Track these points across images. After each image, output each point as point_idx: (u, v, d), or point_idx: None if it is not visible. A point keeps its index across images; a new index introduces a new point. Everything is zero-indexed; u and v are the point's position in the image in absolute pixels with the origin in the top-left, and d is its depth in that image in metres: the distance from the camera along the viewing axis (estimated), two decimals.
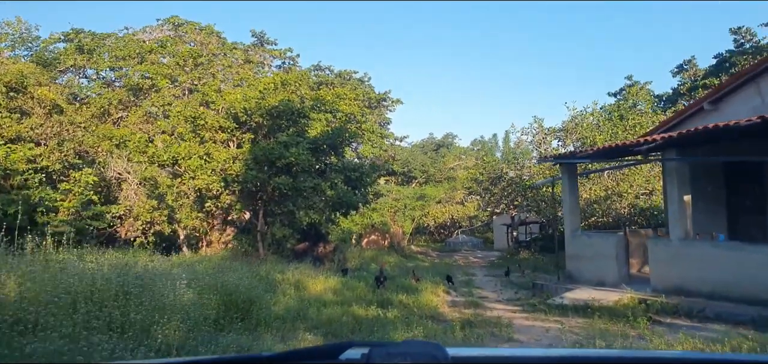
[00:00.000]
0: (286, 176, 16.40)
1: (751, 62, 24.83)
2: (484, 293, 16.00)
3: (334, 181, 17.29)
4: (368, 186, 18.45)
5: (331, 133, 17.79)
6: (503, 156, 33.22)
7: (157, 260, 15.14)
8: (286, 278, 13.55)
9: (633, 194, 20.62)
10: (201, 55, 26.45)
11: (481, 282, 18.86)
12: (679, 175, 10.70)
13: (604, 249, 12.80)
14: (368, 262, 23.21)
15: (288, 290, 12.81)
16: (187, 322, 7.09)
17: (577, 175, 14.49)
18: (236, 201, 17.44)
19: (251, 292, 9.86)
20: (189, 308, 7.57)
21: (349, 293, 13.29)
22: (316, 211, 17.14)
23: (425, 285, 15.63)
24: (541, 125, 23.44)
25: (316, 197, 17.14)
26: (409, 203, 31.85)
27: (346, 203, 17.23)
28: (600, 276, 12.90)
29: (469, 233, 48.39)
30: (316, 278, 14.62)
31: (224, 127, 18.26)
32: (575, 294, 12.23)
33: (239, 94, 18.09)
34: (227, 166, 16.83)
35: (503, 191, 25.28)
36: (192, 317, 7.23)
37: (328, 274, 16.53)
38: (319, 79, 31.18)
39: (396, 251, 30.29)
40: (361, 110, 28.66)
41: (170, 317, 6.28)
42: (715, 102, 12.88)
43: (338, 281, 14.82)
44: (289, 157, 15.94)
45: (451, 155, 40.36)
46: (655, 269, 11.34)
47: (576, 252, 13.73)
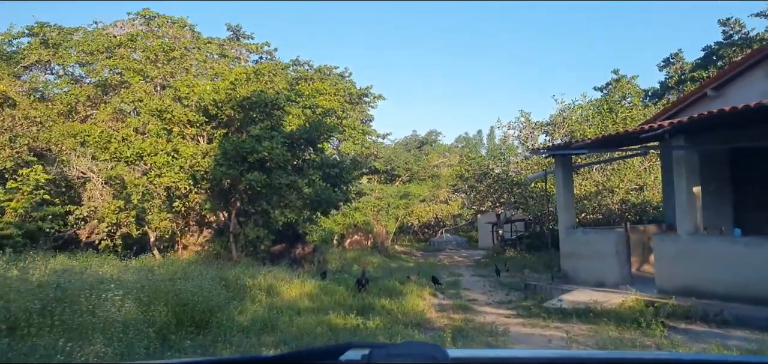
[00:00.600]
0: (260, 173, 15.05)
1: (740, 54, 24.12)
2: (473, 294, 14.83)
3: (312, 178, 15.98)
4: (349, 183, 17.17)
5: (309, 126, 16.49)
6: (488, 152, 32.15)
7: (114, 265, 13.72)
8: (257, 282, 12.23)
9: (624, 189, 19.65)
10: (174, 49, 24.97)
11: (469, 283, 17.71)
12: (688, 164, 9.63)
13: (603, 247, 11.71)
14: (350, 263, 21.96)
15: (258, 296, 11.49)
16: (123, 341, 5.77)
17: (571, 169, 13.40)
18: (206, 200, 16.03)
19: (211, 300, 8.55)
20: (128, 324, 6.25)
21: (327, 299, 12.02)
22: (293, 210, 15.81)
23: (410, 288, 14.42)
24: (527, 119, 22.42)
25: (293, 195, 15.81)
26: (393, 202, 30.64)
27: (325, 201, 15.93)
28: (599, 276, 11.80)
29: (453, 231, 47.35)
30: (292, 282, 13.32)
31: (193, 121, 16.83)
32: (574, 296, 11.10)
33: (209, 86, 16.69)
34: (195, 162, 15.43)
35: (489, 187, 24.19)
36: (129, 335, 5.90)
37: (306, 277, 15.22)
38: (298, 74, 29.83)
39: (379, 252, 29.06)
40: (342, 105, 27.39)
41: (92, 337, 4.94)
42: (719, 88, 11.88)
43: (316, 285, 13.53)
44: (261, 151, 14.59)
45: (435, 153, 39.24)
46: (661, 268, 10.26)
47: (572, 250, 12.63)
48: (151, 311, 7.05)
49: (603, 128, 20.26)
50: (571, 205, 13.06)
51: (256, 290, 11.89)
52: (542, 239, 23.13)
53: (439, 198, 38.61)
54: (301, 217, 16.07)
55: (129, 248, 21.07)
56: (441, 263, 27.37)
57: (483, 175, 23.90)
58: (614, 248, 11.44)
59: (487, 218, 38.10)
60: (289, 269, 16.44)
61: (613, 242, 11.51)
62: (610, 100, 23.93)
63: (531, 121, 22.37)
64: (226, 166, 15.16)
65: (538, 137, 22.69)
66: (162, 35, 27.90)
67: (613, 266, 11.48)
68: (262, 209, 15.94)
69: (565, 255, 12.88)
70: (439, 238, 45.11)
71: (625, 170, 20.24)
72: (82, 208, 19.22)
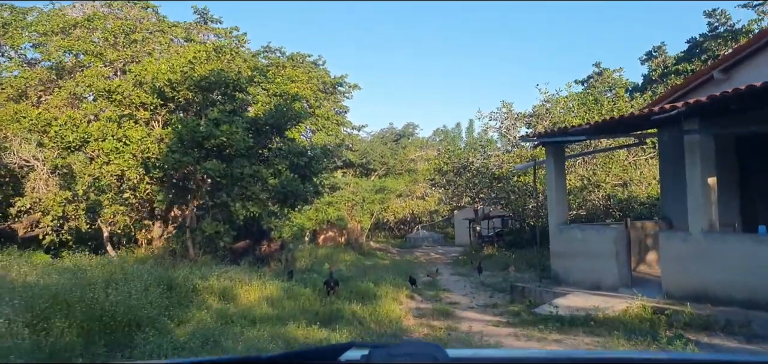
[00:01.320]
0: (218, 161, 13.33)
1: (726, 47, 23.24)
2: (453, 296, 13.39)
3: (277, 167, 14.29)
4: (319, 174, 15.54)
5: (275, 111, 14.81)
6: (467, 146, 30.77)
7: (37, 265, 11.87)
8: (210, 285, 10.54)
9: (611, 183, 18.46)
10: (135, 32, 22.97)
11: (448, 283, 16.29)
12: (704, 151, 8.31)
13: (600, 246, 10.35)
14: (321, 261, 20.36)
15: (208, 301, 9.81)
16: None
17: (564, 159, 12.03)
18: (158, 191, 14.23)
19: (141, 310, 6.87)
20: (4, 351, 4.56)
21: (290, 304, 10.40)
22: (257, 203, 14.12)
23: (385, 290, 12.89)
24: (509, 110, 21.10)
25: (257, 186, 14.12)
26: (368, 197, 29.09)
27: (292, 193, 14.28)
28: (594, 278, 10.45)
29: (429, 228, 46.06)
30: (251, 283, 11.65)
31: (147, 103, 15.00)
32: (569, 301, 9.71)
33: (164, 65, 14.86)
34: (145, 147, 13.63)
35: (468, 182, 22.79)
36: None
37: (270, 277, 13.57)
38: (270, 61, 27.97)
39: (353, 249, 27.50)
40: (315, 94, 25.70)
41: None
42: (727, 70, 10.65)
43: (279, 287, 11.90)
44: (219, 136, 12.87)
45: (413, 146, 37.76)
46: (668, 270, 8.93)
47: (564, 249, 11.25)
48: (48, 328, 5.36)
49: (589, 120, 19.03)
50: (563, 199, 11.69)
51: (207, 294, 10.21)
52: (523, 236, 21.87)
53: (415, 194, 37.21)
54: (266, 211, 14.38)
55: (84, 243, 19.14)
56: (418, 260, 25.95)
57: (462, 168, 22.49)
58: (613, 247, 10.08)
59: (464, 214, 36.87)
60: (253, 268, 14.79)
61: (611, 241, 10.15)
62: (594, 91, 22.79)
63: (513, 112, 21.07)
64: (180, 152, 13.40)
65: (520, 129, 21.40)
66: (123, 17, 25.77)
67: (611, 267, 10.13)
68: (222, 202, 14.22)
69: (556, 254, 11.50)
70: (415, 234, 43.78)
71: (610, 165, 19.05)
72: (25, 199, 17.22)
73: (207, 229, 13.68)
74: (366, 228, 30.52)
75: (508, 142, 22.47)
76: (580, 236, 10.92)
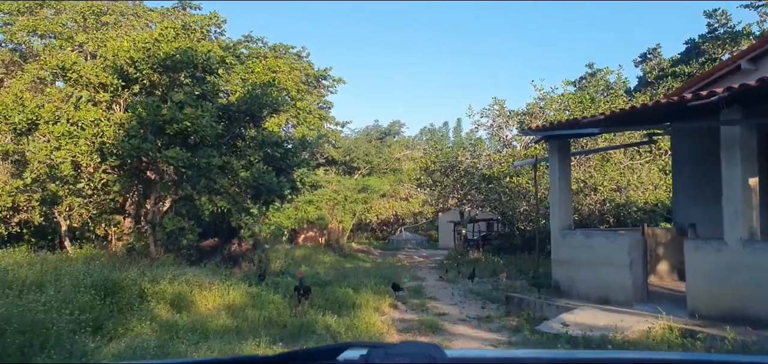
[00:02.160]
0: (182, 149, 11.69)
1: (724, 49, 22.19)
2: (441, 306, 11.94)
3: (249, 158, 12.69)
4: (296, 168, 13.95)
5: (249, 97, 13.21)
6: (455, 145, 29.32)
7: None
8: (162, 290, 8.90)
9: (609, 187, 17.18)
10: (106, 13, 21.19)
11: (435, 289, 14.83)
12: (745, 146, 6.94)
13: (612, 254, 8.96)
14: (298, 262, 18.77)
15: (157, 310, 8.19)
16: None
17: (570, 156, 10.65)
18: (115, 181, 12.53)
19: (47, 325, 5.26)
20: None
21: (254, 314, 8.83)
22: (225, 197, 12.49)
23: (366, 297, 11.38)
24: (502, 107, 19.75)
25: (226, 179, 12.50)
26: (350, 196, 27.53)
27: (265, 188, 12.68)
28: (604, 290, 9.07)
29: (412, 230, 44.58)
30: (213, 288, 10.04)
31: (107, 84, 13.28)
32: (577, 317, 8.30)
33: (126, 42, 13.17)
34: (98, 131, 11.93)
35: (456, 182, 21.36)
36: None
37: (238, 280, 11.97)
38: (251, 52, 26.26)
39: (334, 250, 25.91)
40: (297, 86, 24.07)
41: None
42: (755, 60, 9.39)
43: (245, 293, 10.31)
44: (182, 121, 11.24)
45: (398, 145, 36.25)
46: (696, 285, 7.57)
47: (568, 257, 9.85)
48: None
49: None
50: (568, 200, 10.30)
51: (156, 301, 8.58)
52: (513, 241, 20.52)
53: (399, 195, 35.72)
54: (236, 206, 12.75)
55: (44, 238, 17.35)
56: (400, 263, 24.46)
57: (450, 167, 21.07)
58: (627, 257, 8.70)
59: (449, 217, 35.49)
60: (220, 269, 13.17)
61: (625, 249, 8.77)
62: (592, 90, 21.55)
63: (505, 110, 19.71)
64: (139, 138, 11.73)
65: (512, 128, 20.05)
66: None
67: (624, 279, 8.74)
68: (187, 195, 12.56)
69: (559, 262, 10.10)
70: (398, 236, 42.27)
71: (606, 168, 17.78)
72: None
73: (168, 224, 12.02)
74: (347, 228, 28.95)
75: (499, 141, 21.10)
76: (586, 243, 9.52)
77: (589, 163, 18.11)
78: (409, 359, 1.17)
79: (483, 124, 20.04)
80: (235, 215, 12.79)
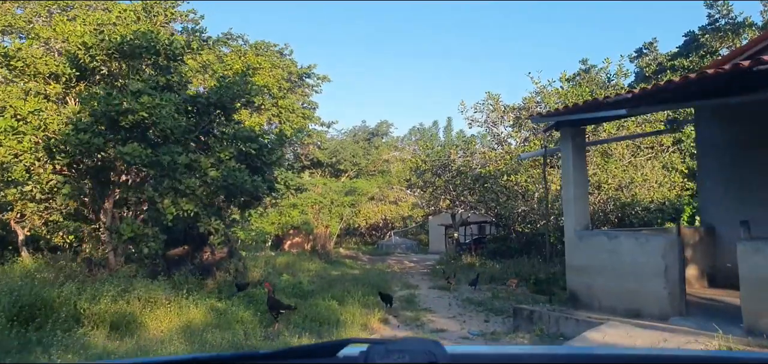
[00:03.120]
0: (141, 145, 10.02)
1: (725, 42, 21.02)
2: (438, 319, 10.39)
3: (219, 155, 11.06)
4: (273, 166, 12.33)
5: (220, 86, 11.59)
6: (445, 144, 27.79)
7: None
8: (102, 309, 7.22)
9: (614, 185, 15.78)
10: (74, 9, 19.43)
11: (429, 299, 13.30)
12: None
13: (642, 258, 7.49)
14: (281, 270, 17.13)
15: (92, 336, 6.53)
16: None
17: (585, 145, 9.19)
18: (64, 182, 10.81)
19: None
20: None
21: (215, 338, 7.20)
22: (193, 200, 10.83)
23: (352, 312, 9.81)
24: (496, 102, 18.28)
25: (193, 179, 10.85)
26: (337, 199, 25.89)
27: (238, 188, 11.04)
28: (633, 302, 7.59)
29: (402, 234, 43.01)
30: (171, 304, 8.39)
31: (58, 74, 11.58)
32: (606, 335, 6.78)
33: (78, 25, 11.50)
34: (39, 123, 10.23)
35: (448, 182, 19.84)
36: None
37: (205, 295, 10.35)
38: (231, 49, 24.59)
39: (319, 256, 24.25)
40: (278, 83, 22.44)
41: None
42: None
43: (209, 310, 8.67)
44: (139, 111, 9.58)
45: (386, 146, 34.67)
46: (754, 296, 6.08)
47: (586, 262, 8.36)
48: None
49: None
50: (584, 196, 8.82)
51: (94, 324, 6.91)
52: (510, 244, 19.03)
53: (388, 198, 34.16)
54: (205, 210, 11.09)
55: (6, 247, 15.54)
56: (390, 269, 22.87)
57: (442, 167, 19.54)
58: (662, 261, 7.22)
59: (440, 220, 34.00)
60: (189, 281, 11.53)
61: (659, 252, 7.29)
62: (589, 85, 20.20)
63: (500, 105, 18.25)
64: (90, 133, 10.04)
65: (507, 124, 18.58)
66: None
67: (658, 288, 7.26)
68: (148, 197, 10.88)
69: (575, 268, 8.60)
70: (387, 241, 40.67)
71: (607, 164, 16.37)
72: None
73: (125, 231, 10.32)
74: (334, 234, 27.29)
75: (493, 138, 19.63)
76: (610, 246, 8.02)
77: (590, 160, 16.71)
78: (409, 356, 1.18)
79: (476, 120, 18.55)
80: (203, 220, 11.12)
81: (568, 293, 8.79)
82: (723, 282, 9.10)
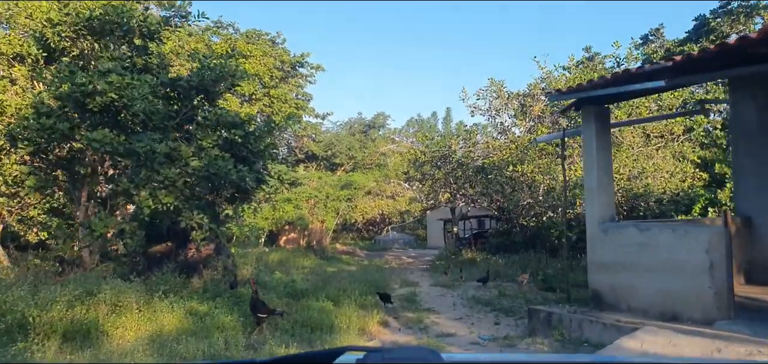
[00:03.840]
0: (112, 131, 8.94)
1: (737, 26, 20.02)
2: (443, 321, 9.38)
3: (200, 142, 9.98)
4: (262, 155, 11.25)
5: (202, 68, 10.50)
6: (444, 135, 26.63)
7: None
8: (54, 316, 6.15)
9: (625, 175, 14.77)
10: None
11: (431, 298, 12.30)
12: None
13: (682, 253, 6.48)
14: (273, 268, 16.11)
15: (43, 350, 5.47)
16: None
17: (610, 126, 8.16)
18: (28, 173, 9.72)
19: None
20: None
21: (192, 347, 6.13)
22: (173, 192, 9.76)
23: (348, 314, 8.79)
24: (500, 88, 17.21)
25: (173, 169, 9.77)
26: (333, 193, 24.82)
27: (220, 180, 9.96)
28: (671, 303, 6.58)
29: (399, 229, 42.01)
30: (143, 308, 7.33)
31: (23, 55, 10.47)
32: (644, 343, 5.77)
33: (45, 3, 10.37)
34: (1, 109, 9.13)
35: (448, 175, 18.78)
36: None
37: (187, 296, 9.31)
38: (221, 38, 23.43)
39: (315, 252, 23.21)
40: (270, 72, 21.33)
41: None
42: None
43: (186, 315, 7.61)
44: (108, 93, 8.49)
45: (383, 139, 33.57)
46: None
47: (613, 258, 7.35)
48: None
49: None
50: (609, 184, 7.81)
51: (45, 335, 5.84)
52: (514, 238, 18.02)
53: (385, 193, 33.11)
54: (188, 204, 10.00)
55: None
56: (388, 265, 21.86)
57: (442, 159, 18.48)
58: (706, 257, 6.21)
59: (438, 215, 32.99)
60: (171, 280, 10.46)
61: (703, 246, 6.27)
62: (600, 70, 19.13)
63: (504, 91, 17.17)
64: (54, 117, 8.95)
65: (511, 111, 17.49)
66: None
67: (702, 288, 6.25)
68: (124, 190, 9.79)
69: (599, 265, 7.58)
70: (384, 236, 39.66)
71: (620, 153, 15.35)
72: None
73: (97, 227, 9.24)
74: (330, 229, 26.24)
75: (496, 127, 18.58)
76: (642, 239, 6.99)
77: None
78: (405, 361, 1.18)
79: (479, 107, 17.47)
80: (185, 214, 10.03)
81: (590, 293, 7.77)
82: (761, 278, 8.13)
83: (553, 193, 14.34)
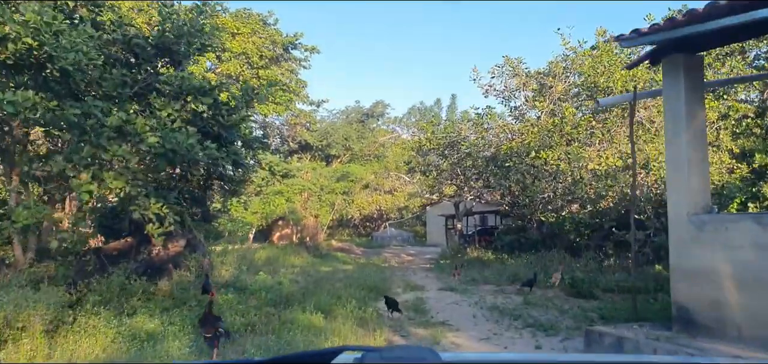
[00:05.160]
0: (38, 94, 6.71)
1: None
2: (464, 343, 7.25)
3: (159, 112, 7.76)
4: (236, 130, 9.00)
5: (162, 22, 8.28)
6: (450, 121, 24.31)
7: None
8: None
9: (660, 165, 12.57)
10: None
11: (441, 305, 10.17)
12: None
13: None
14: (258, 267, 13.93)
15: None
16: None
17: (703, 86, 6.01)
18: None
19: None
20: None
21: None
22: (123, 174, 7.54)
23: (344, 331, 6.62)
24: (517, 66, 15.00)
25: (124, 146, 7.56)
26: (328, 185, 22.60)
27: (180, 158, 7.74)
28: None
29: (397, 225, 39.84)
30: (59, 329, 5.11)
31: None
32: None
33: None
34: None
35: (455, 165, 16.57)
36: None
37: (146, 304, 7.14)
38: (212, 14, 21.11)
39: (308, 249, 21.00)
40: (259, 50, 19.09)
41: None
42: None
43: (118, 336, 5.40)
44: (24, 37, 6.26)
45: (382, 129, 31.32)
46: None
47: (711, 264, 5.20)
48: None
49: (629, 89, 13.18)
50: (704, 159, 5.64)
51: None
52: (530, 236, 15.86)
53: (383, 187, 30.91)
54: (140, 190, 7.76)
55: None
56: (387, 264, 19.71)
57: (450, 146, 16.26)
58: None
59: (439, 210, 30.86)
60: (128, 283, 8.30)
61: None
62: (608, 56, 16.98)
63: (522, 70, 14.96)
64: None
65: (529, 91, 15.28)
66: None
67: None
68: (59, 171, 7.55)
69: (689, 273, 5.42)
70: (382, 233, 37.54)
71: (656, 138, 13.17)
72: None
73: (19, 218, 7.00)
74: (325, 224, 24.01)
75: (510, 111, 16.37)
76: (763, 240, 4.82)
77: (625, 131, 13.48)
78: (403, 360, 1.17)
79: (494, 87, 15.24)
80: (139, 202, 7.79)
81: (674, 310, 5.60)
82: None
83: (581, 183, 12.17)
